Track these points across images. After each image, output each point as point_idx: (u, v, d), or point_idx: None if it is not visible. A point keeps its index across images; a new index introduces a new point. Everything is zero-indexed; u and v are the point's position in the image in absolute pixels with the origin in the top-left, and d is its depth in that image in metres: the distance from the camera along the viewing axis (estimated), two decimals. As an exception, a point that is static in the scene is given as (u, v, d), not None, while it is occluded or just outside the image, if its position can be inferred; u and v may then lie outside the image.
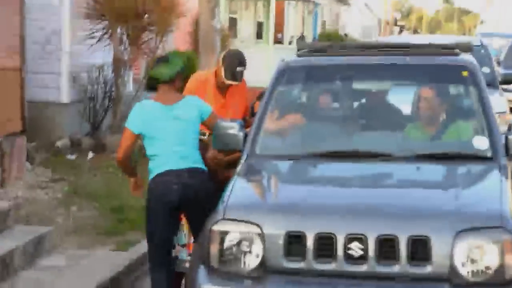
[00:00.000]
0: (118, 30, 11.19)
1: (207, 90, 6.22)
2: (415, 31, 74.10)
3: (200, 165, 5.41)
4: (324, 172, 4.85)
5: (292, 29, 25.03)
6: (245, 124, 6.43)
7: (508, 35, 24.82)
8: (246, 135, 5.12)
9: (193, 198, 5.32)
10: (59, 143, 10.89)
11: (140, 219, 8.23)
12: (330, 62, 5.48)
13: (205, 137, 5.84)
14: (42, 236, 6.91)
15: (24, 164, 9.39)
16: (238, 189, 4.47)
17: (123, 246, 7.48)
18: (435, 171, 4.80)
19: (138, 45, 11.44)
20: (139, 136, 5.44)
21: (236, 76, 6.12)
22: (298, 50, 5.76)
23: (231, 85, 6.24)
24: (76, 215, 8.36)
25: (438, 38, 12.38)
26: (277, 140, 5.30)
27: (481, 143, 4.97)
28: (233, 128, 5.13)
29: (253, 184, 4.78)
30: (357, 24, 45.10)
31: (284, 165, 4.94)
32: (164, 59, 5.42)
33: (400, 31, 60.96)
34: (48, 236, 7.02)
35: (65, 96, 11.31)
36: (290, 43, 23.51)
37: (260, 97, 6.36)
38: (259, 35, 24.32)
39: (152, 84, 5.46)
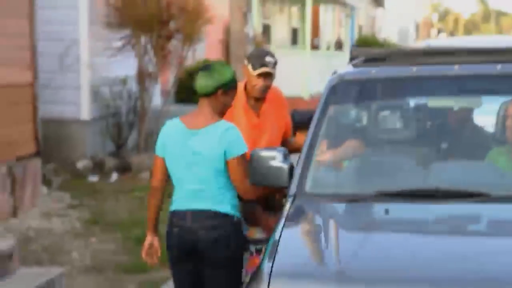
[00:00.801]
0: (142, 39, 10.25)
1: (236, 109, 5.18)
2: (452, 34, 72.42)
3: (224, 208, 4.34)
4: (401, 222, 3.74)
5: (328, 34, 23.98)
6: (287, 148, 5.42)
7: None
8: (292, 168, 4.08)
9: (197, 247, 4.32)
10: (79, 164, 10.10)
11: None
12: (398, 73, 4.34)
13: None
14: (52, 280, 5.94)
15: (39, 189, 8.56)
16: (287, 245, 3.42)
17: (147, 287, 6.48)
18: None
19: (164, 55, 10.49)
20: None
21: (266, 64, 5.06)
22: (352, 58, 4.68)
23: (263, 92, 5.17)
24: (95, 248, 7.43)
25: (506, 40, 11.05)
26: (332, 175, 4.23)
27: None
28: (274, 159, 4.08)
29: (307, 238, 3.68)
30: (393, 28, 43.86)
31: (344, 210, 3.85)
32: (205, 68, 4.40)
33: (438, 34, 59.53)
34: (58, 279, 6.05)
35: (85, 113, 10.51)
36: (328, 48, 22.43)
37: (294, 115, 5.32)
38: (294, 41, 23.31)
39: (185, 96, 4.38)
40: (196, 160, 4.30)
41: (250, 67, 5.03)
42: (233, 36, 9.84)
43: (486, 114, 5.10)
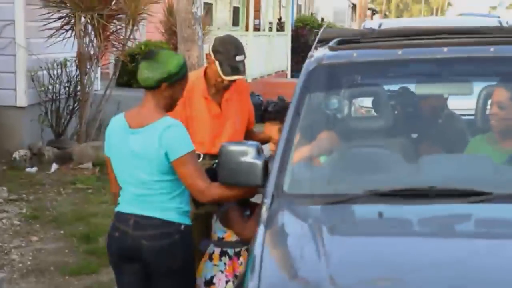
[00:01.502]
0: (82, 19, 9.56)
1: (195, 98, 4.66)
2: (385, 15, 72.60)
3: (169, 215, 3.84)
4: (398, 227, 3.25)
5: (269, 15, 23.46)
6: (248, 139, 4.93)
7: (488, 15, 23.57)
8: (266, 164, 3.59)
9: (139, 256, 3.86)
10: (16, 154, 9.38)
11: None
12: (383, 57, 3.87)
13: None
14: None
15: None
16: (272, 260, 2.92)
17: (95, 292, 5.93)
18: None
19: (105, 36, 9.82)
20: None
21: (238, 68, 4.57)
22: (320, 41, 4.21)
23: (227, 87, 4.70)
24: (37, 248, 6.82)
25: (463, 21, 10.73)
26: (314, 172, 3.75)
27: None
28: (246, 154, 3.58)
29: (294, 250, 3.12)
30: (329, 8, 43.66)
31: (332, 214, 3.34)
32: (148, 57, 3.85)
33: (372, 15, 59.52)
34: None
35: (22, 98, 9.74)
36: (270, 29, 21.91)
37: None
38: (235, 22, 22.70)
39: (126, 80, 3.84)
40: (137, 162, 3.80)
41: (217, 65, 4.53)
42: (179, 16, 9.20)
43: (460, 99, 4.75)
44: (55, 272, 6.28)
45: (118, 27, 10.14)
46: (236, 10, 23.01)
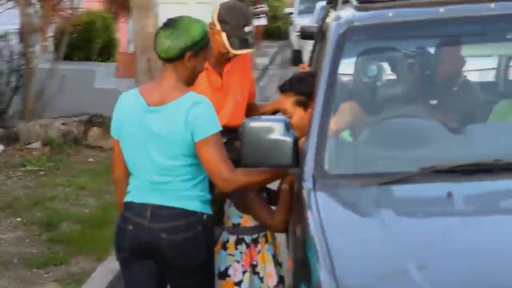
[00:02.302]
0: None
1: None
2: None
3: (192, 204, 3.36)
4: (475, 207, 2.84)
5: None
6: (251, 113, 4.46)
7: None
8: (297, 142, 3.13)
9: (157, 251, 3.38)
10: (-44, 136, 8.60)
11: (84, 235, 6.16)
12: (424, 16, 3.42)
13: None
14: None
15: None
16: (342, 251, 2.46)
17: (69, 286, 5.36)
18: None
19: (50, 6, 9.12)
20: None
21: (248, 40, 4.07)
22: (344, 1, 3.76)
23: (230, 59, 4.21)
24: (-7, 238, 6.18)
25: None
26: (356, 148, 3.29)
27: None
28: (272, 131, 3.11)
29: (366, 238, 2.61)
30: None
31: (393, 195, 2.90)
32: (168, 25, 3.34)
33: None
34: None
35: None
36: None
37: None
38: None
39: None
40: (156, 145, 3.30)
41: (227, 42, 4.01)
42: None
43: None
44: (20, 265, 5.68)
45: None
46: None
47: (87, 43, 11.99)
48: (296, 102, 3.76)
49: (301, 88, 3.75)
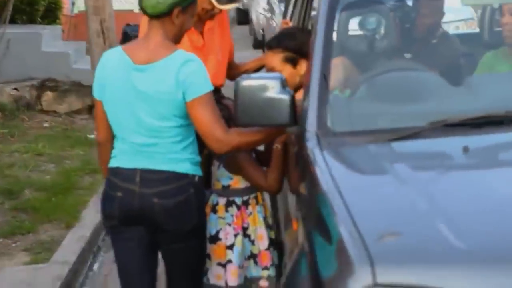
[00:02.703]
0: None
1: None
2: None
3: (183, 166, 3.24)
4: (494, 160, 2.76)
5: None
6: (231, 72, 4.35)
7: None
8: (293, 99, 3.02)
9: (148, 217, 3.25)
10: None
11: (49, 202, 5.98)
12: None
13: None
14: None
15: None
16: (365, 212, 2.37)
17: (39, 255, 5.18)
18: None
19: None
20: None
21: None
22: None
23: (213, 16, 4.08)
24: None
25: None
26: (360, 104, 3.19)
27: None
28: (267, 89, 3.00)
29: (387, 197, 2.46)
30: None
31: (405, 151, 2.80)
32: None
33: None
34: None
35: None
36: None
37: None
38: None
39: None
40: (144, 105, 3.16)
41: None
42: None
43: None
44: (-15, 236, 5.50)
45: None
46: None
47: (30, 5, 11.61)
48: (284, 59, 3.65)
49: (290, 44, 3.64)
